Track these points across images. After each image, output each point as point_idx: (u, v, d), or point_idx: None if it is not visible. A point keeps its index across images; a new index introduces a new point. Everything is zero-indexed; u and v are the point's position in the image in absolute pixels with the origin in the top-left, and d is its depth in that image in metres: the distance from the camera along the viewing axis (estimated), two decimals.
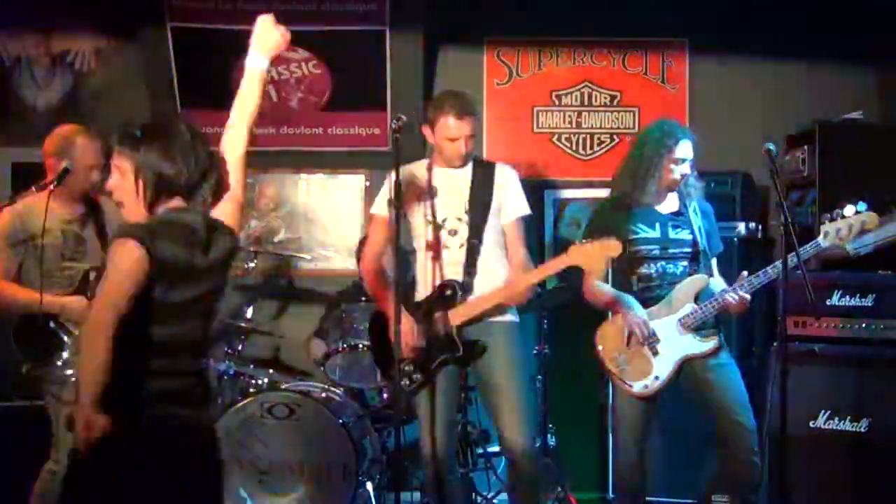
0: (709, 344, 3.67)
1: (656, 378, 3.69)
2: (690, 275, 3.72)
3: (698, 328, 3.68)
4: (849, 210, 3.56)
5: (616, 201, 3.86)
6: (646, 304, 3.72)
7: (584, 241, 3.55)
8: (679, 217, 3.77)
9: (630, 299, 3.72)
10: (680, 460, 4.45)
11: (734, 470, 3.65)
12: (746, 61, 5.11)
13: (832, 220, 3.57)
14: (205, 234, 2.52)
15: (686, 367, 3.72)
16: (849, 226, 3.54)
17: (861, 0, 4.96)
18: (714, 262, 3.84)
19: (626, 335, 3.70)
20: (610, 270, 3.97)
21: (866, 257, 4.14)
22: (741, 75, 5.14)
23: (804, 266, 3.41)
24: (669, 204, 3.79)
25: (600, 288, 3.82)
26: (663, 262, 3.74)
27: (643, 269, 3.75)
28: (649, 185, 3.72)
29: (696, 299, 3.69)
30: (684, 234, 3.75)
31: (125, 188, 2.52)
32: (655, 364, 3.70)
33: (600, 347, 3.80)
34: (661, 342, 3.69)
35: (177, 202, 2.54)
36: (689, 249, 3.74)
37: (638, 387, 3.71)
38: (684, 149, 3.73)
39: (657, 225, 3.75)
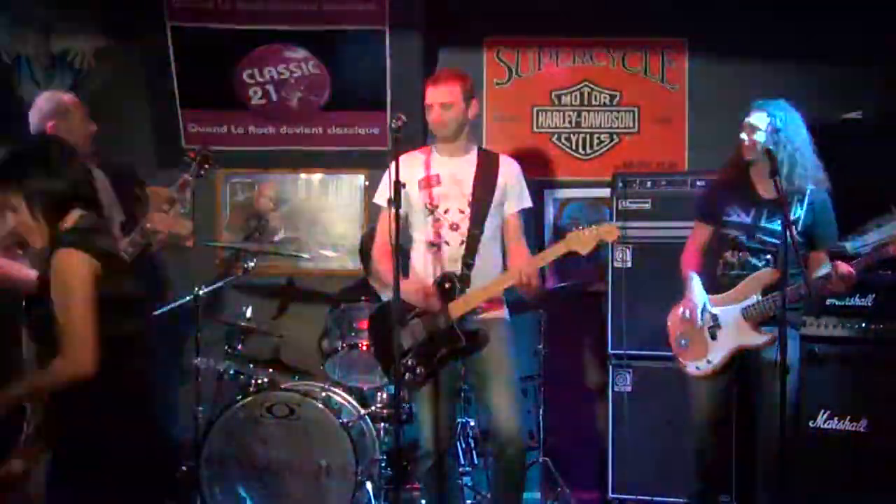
0: (763, 338, 3.69)
1: (708, 362, 3.77)
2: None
3: (761, 321, 3.69)
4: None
5: (724, 177, 3.91)
6: (725, 289, 3.77)
7: (581, 227, 3.58)
8: (779, 205, 3.59)
9: (693, 282, 3.80)
10: (680, 460, 4.44)
11: (765, 469, 3.71)
12: (746, 61, 5.10)
13: (878, 226, 3.58)
14: None
15: (747, 362, 3.75)
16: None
17: (861, 0, 4.96)
18: (824, 254, 3.79)
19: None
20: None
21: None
22: (741, 75, 5.13)
23: (805, 268, 3.42)
24: (773, 189, 3.60)
25: (684, 262, 3.91)
26: (747, 253, 3.75)
27: (728, 256, 3.80)
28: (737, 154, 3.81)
29: (766, 292, 3.69)
30: (777, 226, 3.70)
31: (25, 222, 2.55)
32: (711, 348, 3.77)
33: (669, 323, 3.91)
34: (721, 328, 3.75)
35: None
36: (777, 241, 3.68)
37: (691, 367, 3.82)
38: (753, 117, 3.75)
39: (752, 210, 3.76)
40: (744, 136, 3.76)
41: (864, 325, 4.02)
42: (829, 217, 3.80)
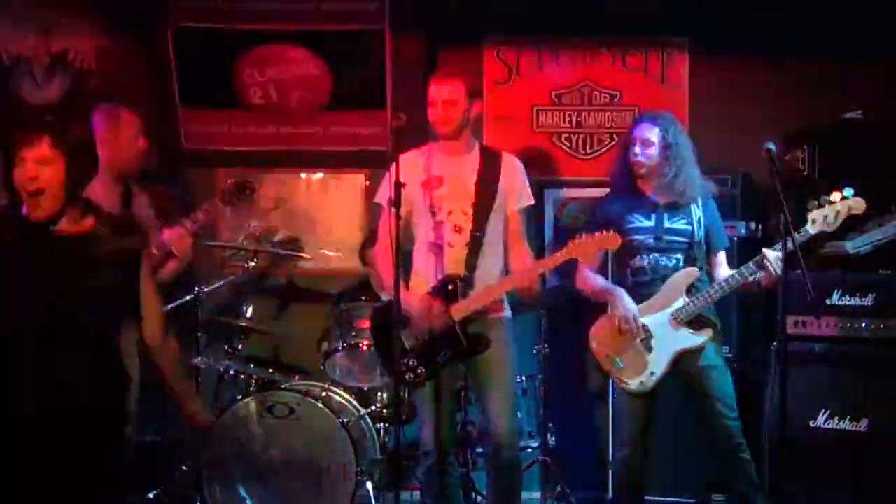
0: (702, 337, 3.69)
1: (652, 374, 3.72)
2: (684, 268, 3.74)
3: (691, 321, 3.70)
4: (835, 196, 3.58)
5: (615, 190, 3.93)
6: (640, 298, 3.74)
7: (583, 234, 3.58)
8: (677, 208, 3.78)
9: (620, 292, 3.74)
10: (680, 459, 4.45)
11: (727, 469, 3.72)
12: (746, 61, 5.11)
13: (819, 206, 3.59)
14: None
15: (684, 366, 3.73)
16: (836, 211, 3.57)
17: (861, 0, 4.97)
18: (723, 255, 3.87)
19: (618, 330, 3.72)
20: (609, 263, 4.02)
21: (866, 257, 4.15)
22: (741, 75, 5.14)
23: (804, 264, 3.42)
24: (669, 195, 3.79)
25: (592, 278, 3.86)
26: (657, 255, 3.76)
27: (637, 261, 3.77)
28: (624, 167, 3.84)
29: (689, 292, 3.71)
30: (681, 224, 3.77)
31: (49, 177, 2.52)
32: (650, 360, 3.72)
33: (594, 345, 3.83)
34: (655, 337, 3.71)
35: None
36: (684, 240, 3.76)
37: (634, 384, 3.73)
38: (647, 131, 3.77)
39: (653, 215, 3.78)
40: (638, 149, 3.78)
41: (864, 324, 4.02)
42: (718, 220, 3.90)
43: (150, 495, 4.45)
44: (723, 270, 3.83)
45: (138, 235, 2.72)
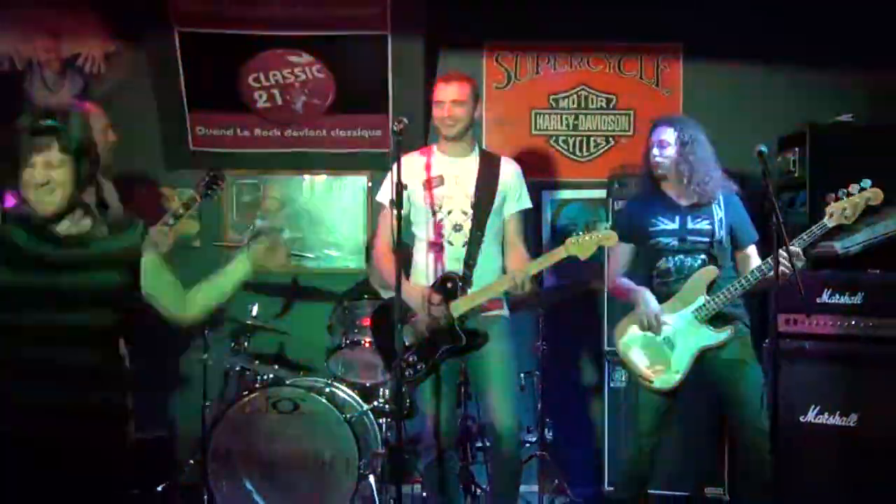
0: (723, 334, 3.75)
1: (676, 372, 3.77)
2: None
3: (713, 319, 3.76)
4: (853, 188, 3.60)
5: (639, 195, 4.01)
6: (663, 297, 3.80)
7: (580, 233, 3.65)
8: (700, 209, 3.83)
9: (645, 292, 3.81)
10: (675, 454, 4.50)
11: (751, 469, 3.74)
12: (739, 65, 5.17)
13: (837, 199, 3.61)
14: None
15: (706, 363, 3.79)
16: (854, 203, 3.59)
17: (851, 4, 5.04)
18: (753, 249, 3.90)
19: (640, 329, 3.80)
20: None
21: (855, 256, 4.21)
22: (734, 79, 5.21)
23: (794, 264, 3.49)
24: (691, 197, 3.85)
25: (620, 281, 3.93)
26: (682, 256, 3.81)
27: (661, 264, 3.84)
28: (646, 172, 3.91)
29: (709, 290, 3.76)
30: (703, 225, 3.82)
31: (58, 178, 2.56)
32: (673, 358, 3.78)
33: (619, 344, 3.89)
34: (677, 336, 3.77)
35: None
36: (706, 240, 3.81)
37: (658, 382, 3.79)
38: (663, 133, 3.85)
39: (677, 217, 3.84)
40: (655, 150, 3.85)
41: (853, 322, 4.07)
42: (744, 215, 3.92)
43: (158, 489, 4.53)
44: (754, 263, 3.84)
45: (137, 232, 2.69)
